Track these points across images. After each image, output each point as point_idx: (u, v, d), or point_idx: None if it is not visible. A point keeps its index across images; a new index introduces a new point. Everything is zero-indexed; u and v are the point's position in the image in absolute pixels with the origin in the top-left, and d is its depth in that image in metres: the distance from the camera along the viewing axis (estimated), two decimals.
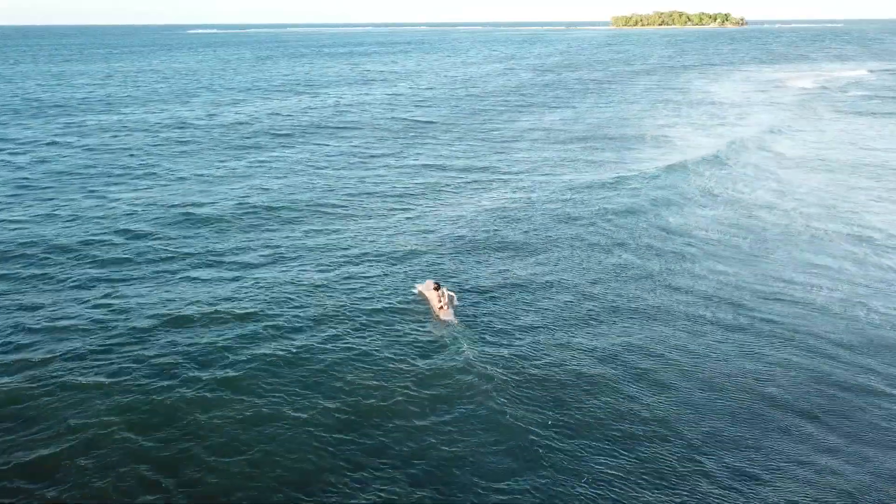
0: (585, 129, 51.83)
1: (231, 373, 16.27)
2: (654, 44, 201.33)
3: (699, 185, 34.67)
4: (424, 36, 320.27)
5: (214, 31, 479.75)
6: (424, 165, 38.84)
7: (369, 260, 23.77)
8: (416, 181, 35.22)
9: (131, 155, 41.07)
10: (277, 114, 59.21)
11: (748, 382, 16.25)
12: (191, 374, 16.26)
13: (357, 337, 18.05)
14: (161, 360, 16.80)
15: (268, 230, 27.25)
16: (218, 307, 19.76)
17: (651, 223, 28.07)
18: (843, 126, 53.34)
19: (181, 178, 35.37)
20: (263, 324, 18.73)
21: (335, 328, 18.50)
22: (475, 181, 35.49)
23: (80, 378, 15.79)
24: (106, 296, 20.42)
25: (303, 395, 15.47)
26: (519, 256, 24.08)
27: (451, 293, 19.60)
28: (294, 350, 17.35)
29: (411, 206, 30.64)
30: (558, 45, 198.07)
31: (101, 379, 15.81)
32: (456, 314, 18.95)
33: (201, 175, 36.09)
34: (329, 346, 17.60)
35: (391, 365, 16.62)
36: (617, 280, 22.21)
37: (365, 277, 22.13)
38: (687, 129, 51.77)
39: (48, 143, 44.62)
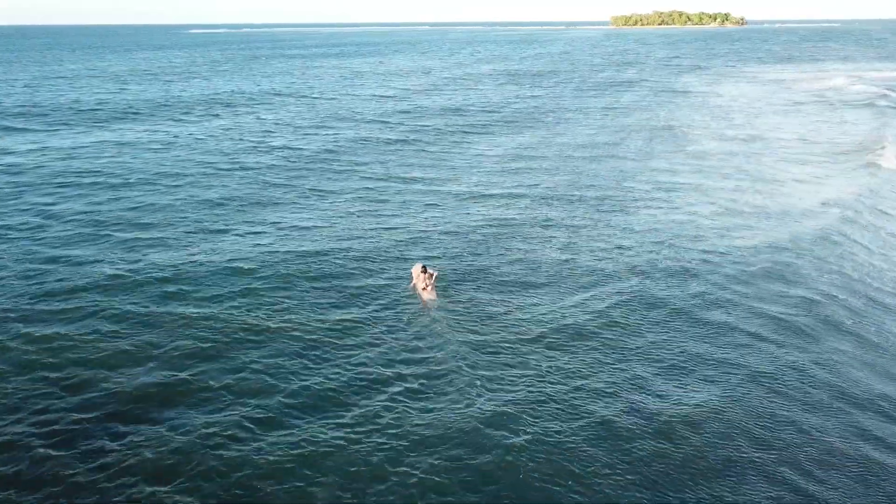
0: (616, 148, 44.76)
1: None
2: (663, 44, 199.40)
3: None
4: (422, 35, 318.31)
5: (223, 30, 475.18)
6: (422, 189, 35.25)
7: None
8: (418, 205, 31.76)
9: (89, 181, 35.87)
10: (259, 119, 57.61)
11: None
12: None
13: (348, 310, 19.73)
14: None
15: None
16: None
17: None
18: None
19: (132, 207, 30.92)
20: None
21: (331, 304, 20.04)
22: (484, 207, 31.49)
23: None
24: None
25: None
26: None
27: (434, 271, 20.99)
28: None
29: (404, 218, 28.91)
30: (554, 46, 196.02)
31: None
32: (438, 293, 20.39)
33: (173, 208, 31.03)
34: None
35: (373, 337, 18.01)
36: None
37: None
38: (770, 154, 42.85)
39: None
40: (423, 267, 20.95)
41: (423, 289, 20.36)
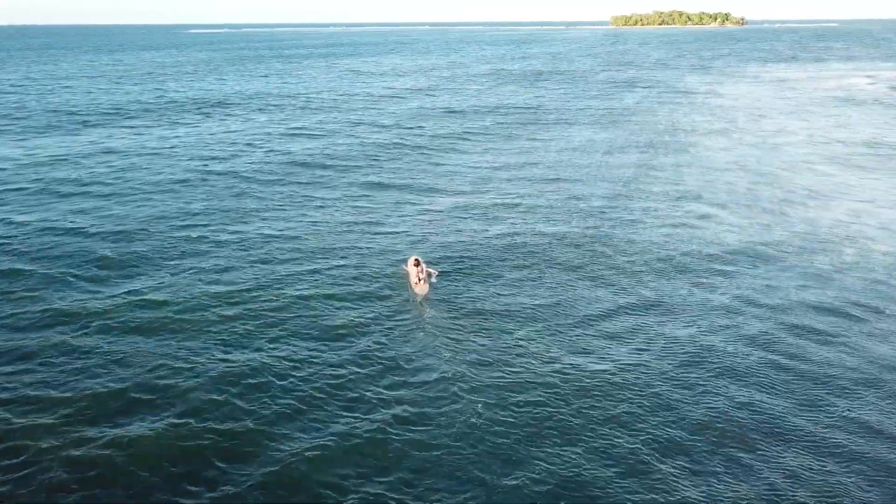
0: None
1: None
2: (663, 44, 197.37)
3: None
4: (421, 35, 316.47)
5: (224, 30, 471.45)
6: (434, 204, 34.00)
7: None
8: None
9: (71, 189, 33.64)
10: (251, 122, 55.57)
11: None
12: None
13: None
14: None
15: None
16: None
17: None
18: None
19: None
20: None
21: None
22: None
23: None
24: None
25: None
26: None
27: (430, 269, 20.81)
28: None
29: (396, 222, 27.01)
30: (554, 46, 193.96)
31: None
32: (431, 288, 20.25)
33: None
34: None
35: (362, 328, 17.75)
36: None
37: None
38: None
39: None
40: (417, 260, 20.75)
41: (416, 283, 20.22)
